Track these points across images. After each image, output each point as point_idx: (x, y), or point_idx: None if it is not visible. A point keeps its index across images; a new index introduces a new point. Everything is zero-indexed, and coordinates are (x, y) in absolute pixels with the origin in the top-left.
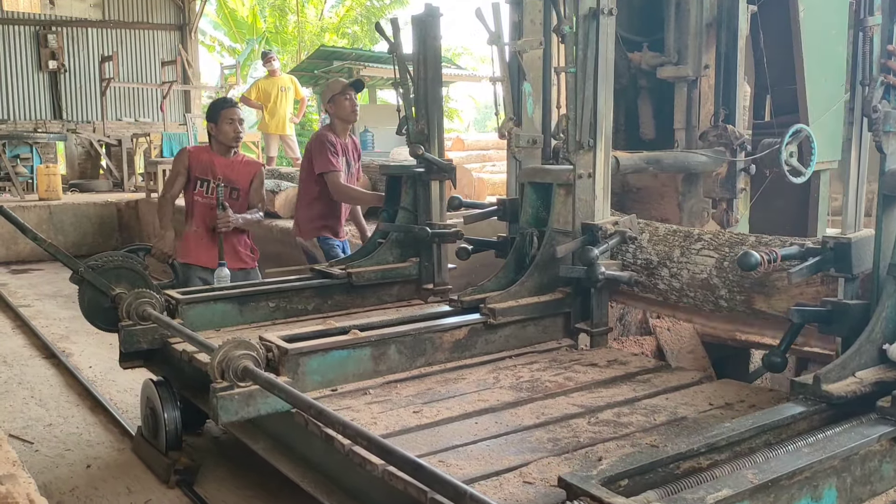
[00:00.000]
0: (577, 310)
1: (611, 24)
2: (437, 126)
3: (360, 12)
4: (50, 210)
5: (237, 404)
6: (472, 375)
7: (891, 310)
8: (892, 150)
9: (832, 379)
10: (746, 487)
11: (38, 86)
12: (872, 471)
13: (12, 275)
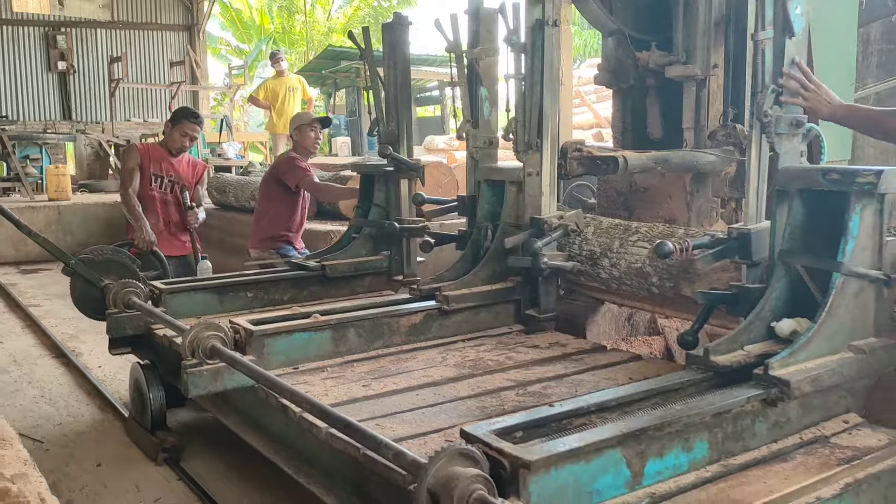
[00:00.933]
0: (527, 297)
1: (556, 35)
2: (407, 128)
3: (368, 12)
4: (59, 210)
5: (206, 380)
6: (423, 356)
7: (779, 291)
8: (785, 150)
9: (721, 351)
10: (615, 434)
11: (47, 86)
12: (745, 428)
13: (22, 275)
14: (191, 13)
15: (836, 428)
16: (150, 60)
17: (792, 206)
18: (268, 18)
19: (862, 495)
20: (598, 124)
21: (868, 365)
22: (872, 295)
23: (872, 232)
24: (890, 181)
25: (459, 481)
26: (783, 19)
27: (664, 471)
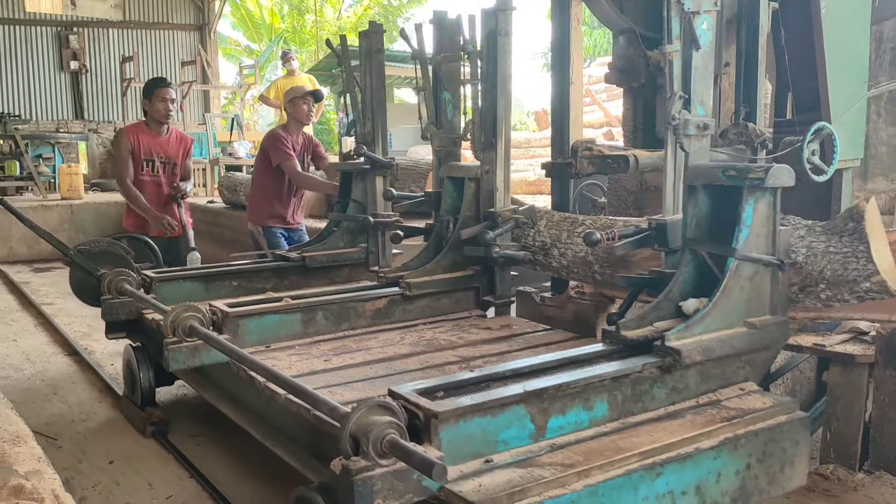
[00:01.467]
0: (485, 284)
1: (508, 44)
2: (382, 128)
3: (378, 11)
4: (72, 209)
5: (184, 355)
6: (384, 336)
7: (686, 274)
8: (693, 150)
9: (631, 327)
10: (519, 393)
11: (59, 86)
12: (644, 392)
13: (35, 273)
14: (202, 13)
15: (730, 394)
16: (161, 60)
17: (698, 199)
18: (278, 18)
19: (740, 449)
20: (608, 123)
21: (760, 339)
22: (768, 277)
23: (766, 221)
24: (777, 177)
25: (375, 427)
26: (689, 34)
27: (566, 426)
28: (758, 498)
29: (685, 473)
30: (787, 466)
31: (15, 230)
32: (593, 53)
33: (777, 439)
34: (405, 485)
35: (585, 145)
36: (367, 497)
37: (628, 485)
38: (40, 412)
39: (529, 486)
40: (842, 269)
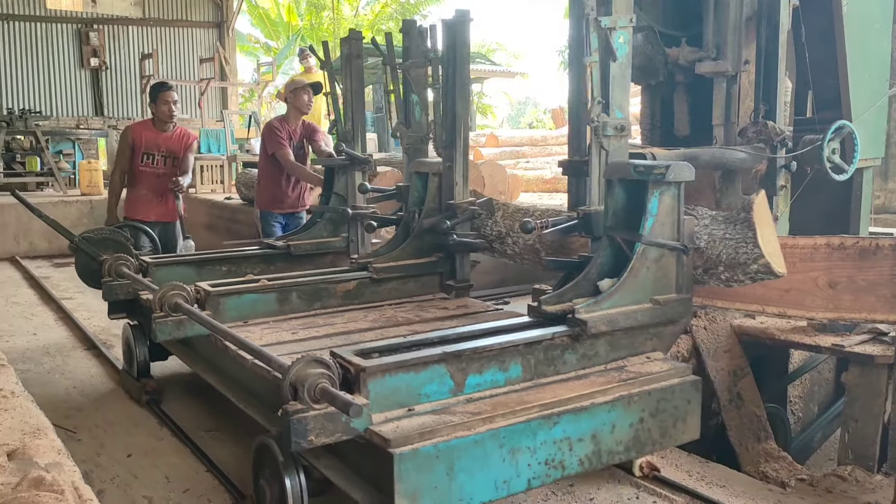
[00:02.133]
0: (448, 270)
1: (466, 52)
2: (361, 128)
3: (396, 9)
4: (91, 205)
5: (170, 328)
6: (350, 314)
7: (604, 258)
8: (612, 149)
9: (552, 302)
10: (439, 353)
11: (80, 83)
12: (556, 357)
13: (55, 268)
14: (220, 10)
15: (636, 361)
16: (180, 57)
17: (614, 192)
18: (295, 15)
19: (633, 405)
20: None
21: (664, 314)
22: (673, 260)
23: (671, 212)
24: (677, 173)
25: (310, 377)
26: (607, 47)
27: (483, 384)
28: (651, 448)
29: (581, 423)
30: (679, 422)
31: (35, 225)
32: None
33: (669, 398)
34: (335, 425)
35: None
36: (301, 433)
37: (528, 430)
38: (59, 405)
39: (439, 428)
40: (735, 253)
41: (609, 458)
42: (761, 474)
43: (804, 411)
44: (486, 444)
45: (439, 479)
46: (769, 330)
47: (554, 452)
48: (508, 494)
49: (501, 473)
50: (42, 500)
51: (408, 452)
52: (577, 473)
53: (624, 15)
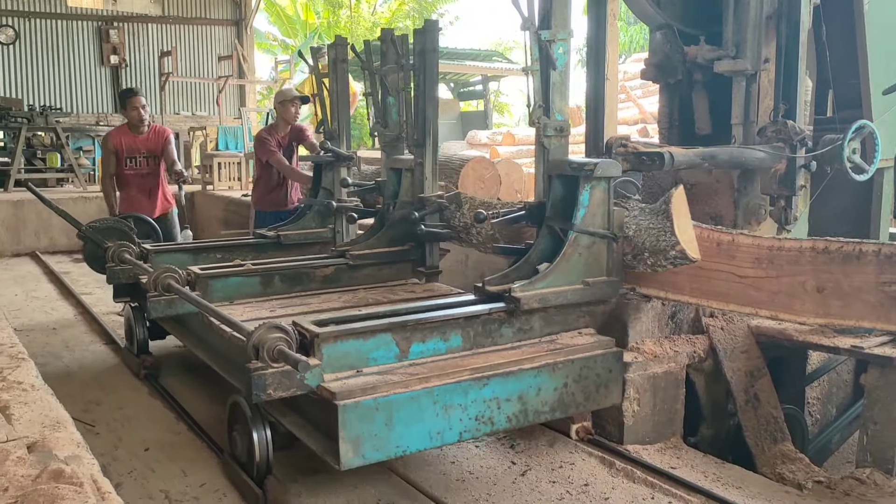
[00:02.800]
0: (419, 257)
1: (435, 59)
2: (346, 127)
3: (413, 7)
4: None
5: (162, 306)
6: (326, 296)
7: (543, 244)
8: (552, 147)
9: (495, 283)
10: (386, 323)
11: (100, 80)
12: (493, 330)
13: (74, 263)
14: (239, 8)
15: (568, 336)
16: (198, 55)
17: (554, 186)
18: (312, 14)
19: (558, 372)
20: (643, 120)
21: (592, 294)
22: (604, 247)
23: (601, 203)
24: (604, 169)
25: (269, 340)
26: (547, 58)
27: (426, 351)
28: (575, 409)
29: (508, 386)
30: (601, 388)
31: (55, 221)
32: (629, 49)
33: (591, 366)
34: (290, 381)
35: (620, 142)
36: (261, 387)
37: (459, 390)
38: (78, 399)
39: (380, 385)
40: (656, 240)
41: (535, 416)
42: (778, 476)
43: (822, 413)
44: (422, 400)
45: (379, 429)
46: (787, 331)
47: (484, 410)
48: (442, 444)
49: (435, 426)
50: (61, 492)
51: (351, 404)
52: (506, 429)
53: (562, 29)
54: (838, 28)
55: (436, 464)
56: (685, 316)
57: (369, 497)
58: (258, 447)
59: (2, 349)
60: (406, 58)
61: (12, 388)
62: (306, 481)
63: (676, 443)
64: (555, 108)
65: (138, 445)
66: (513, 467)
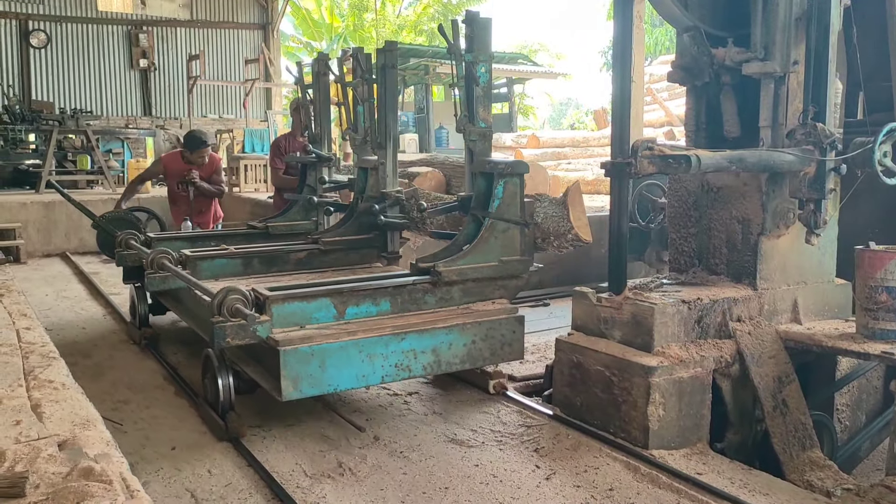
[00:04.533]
0: (382, 244)
1: (393, 74)
2: (327, 132)
3: (438, 9)
4: (139, 202)
5: (157, 282)
6: (298, 276)
7: (469, 230)
8: (477, 150)
9: (427, 261)
10: (325, 290)
11: (129, 83)
12: (418, 299)
13: (103, 264)
14: (266, 12)
15: (482, 305)
16: (226, 58)
17: (477, 181)
18: (337, 17)
19: (467, 331)
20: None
21: (504, 269)
22: (517, 232)
23: (514, 196)
24: (515, 167)
25: (228, 300)
26: (471, 75)
27: (360, 313)
28: (483, 363)
29: (423, 341)
30: (505, 346)
31: (84, 222)
32: (654, 52)
33: (497, 328)
34: (244, 332)
35: (646, 144)
36: (221, 336)
37: (381, 342)
38: (106, 398)
39: (315, 337)
40: (557, 226)
41: (448, 367)
42: (806, 483)
43: (851, 420)
44: (349, 349)
45: (314, 371)
46: (816, 336)
47: (402, 359)
48: (367, 385)
49: (361, 370)
50: (91, 489)
51: (290, 350)
52: (422, 375)
53: (483, 52)
54: (869, 29)
55: (459, 465)
56: (712, 320)
57: (392, 499)
58: (222, 389)
59: (33, 348)
60: (369, 73)
61: (43, 387)
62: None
63: (703, 448)
64: (478, 117)
65: (165, 444)
66: (537, 471)
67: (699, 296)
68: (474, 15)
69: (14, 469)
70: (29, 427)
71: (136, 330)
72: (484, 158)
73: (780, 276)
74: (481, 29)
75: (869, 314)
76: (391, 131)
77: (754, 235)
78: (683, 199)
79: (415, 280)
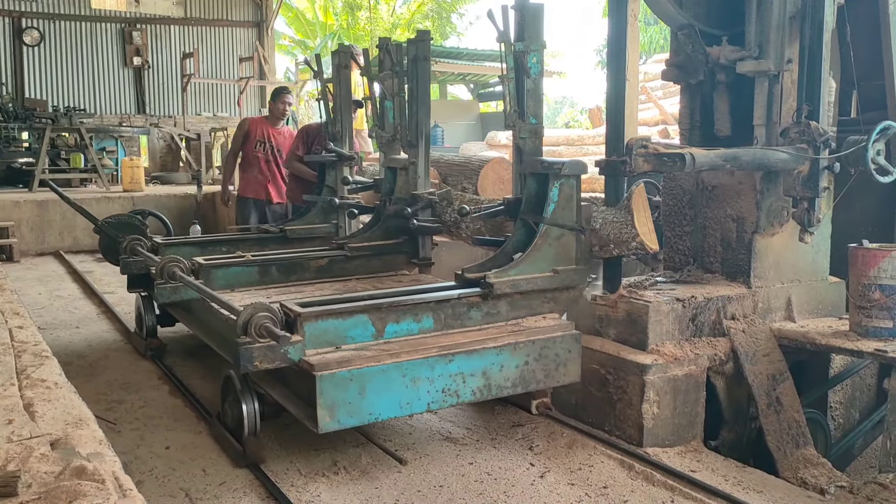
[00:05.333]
0: (412, 250)
1: (427, 67)
2: (348, 129)
3: (432, 7)
4: (133, 201)
5: (168, 292)
6: (320, 285)
7: (519, 236)
8: (527, 148)
9: (473, 271)
10: (362, 305)
11: (123, 81)
12: (462, 313)
13: (97, 263)
14: (260, 10)
15: (532, 320)
16: (220, 56)
17: (528, 183)
18: (331, 15)
19: (519, 350)
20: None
21: (560, 280)
22: (573, 239)
23: (570, 199)
24: (571, 168)
25: (256, 318)
26: (521, 67)
27: (399, 331)
28: (535, 385)
29: (473, 362)
30: (560, 367)
31: (78, 221)
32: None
33: (551, 346)
34: (274, 354)
35: (641, 143)
36: (248, 359)
37: (426, 364)
38: (101, 398)
39: (354, 359)
40: (619, 233)
41: (498, 391)
42: (800, 480)
43: (845, 417)
44: (391, 373)
45: (353, 397)
46: (810, 334)
47: (450, 383)
48: (411, 413)
49: (404, 396)
50: (84, 489)
51: (327, 375)
52: (471, 402)
53: (535, 41)
54: (863, 28)
55: (454, 464)
56: (706, 318)
57: (388, 497)
58: (246, 416)
59: (26, 347)
60: (400, 65)
61: (36, 386)
62: (324, 477)
63: (697, 446)
64: (529, 112)
65: (159, 444)
66: (531, 469)
67: (694, 294)
68: (525, 0)
69: (6, 468)
70: (21, 426)
71: (142, 340)
72: (536, 158)
73: (775, 274)
74: (532, 16)
75: (862, 312)
76: (423, 128)
77: (748, 234)
78: (678, 198)
79: (461, 293)
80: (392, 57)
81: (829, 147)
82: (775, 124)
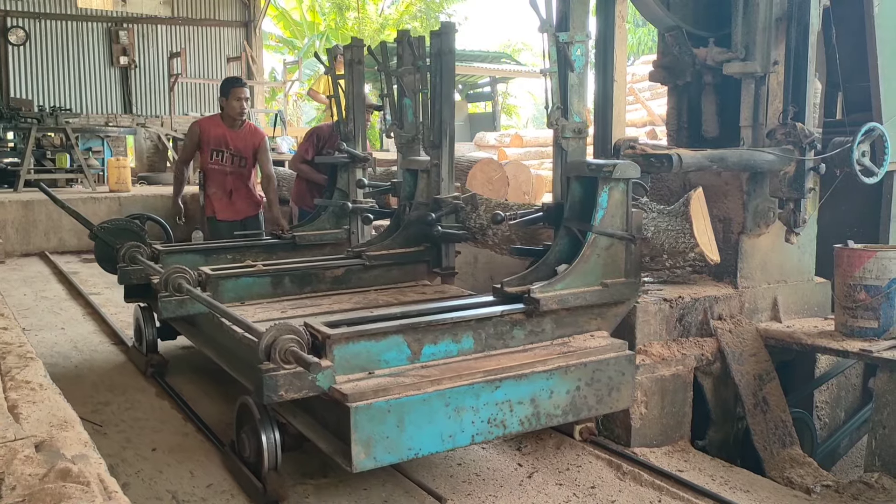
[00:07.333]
0: (434, 258)
1: (451, 60)
2: (361, 129)
3: (420, 8)
4: (120, 202)
5: (173, 306)
6: (338, 297)
7: (561, 245)
8: (570, 149)
9: (514, 284)
10: (397, 325)
11: (109, 81)
12: (505, 332)
13: (83, 263)
14: (248, 9)
15: (580, 338)
16: (207, 56)
17: (572, 187)
18: (319, 16)
19: (570, 374)
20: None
21: (610, 295)
22: (622, 248)
23: (619, 205)
24: (622, 171)
25: (281, 341)
26: (565, 59)
27: (437, 353)
28: (587, 413)
29: (521, 388)
30: (613, 391)
31: (64, 222)
32: (637, 51)
33: (604, 369)
34: (302, 382)
35: (628, 144)
36: (272, 388)
37: (471, 392)
38: (87, 400)
39: (392, 387)
40: (675, 242)
41: (547, 420)
42: (786, 480)
43: (831, 417)
44: (433, 402)
45: (390, 431)
46: (796, 334)
47: (496, 413)
48: (454, 447)
49: (447, 428)
50: (68, 491)
51: (363, 406)
52: (518, 433)
53: (580, 31)
54: (848, 30)
55: (443, 465)
56: (693, 318)
57: (376, 498)
58: (267, 449)
59: (10, 349)
60: (423, 59)
61: (21, 388)
62: (312, 480)
63: (684, 446)
64: (573, 109)
65: (146, 446)
66: (519, 469)
67: (681, 294)
68: None
69: None
70: (5, 428)
71: (142, 356)
72: (581, 160)
73: (761, 274)
74: (579, 3)
75: (848, 312)
76: (447, 128)
77: (735, 234)
78: (666, 199)
79: (503, 311)
80: (414, 51)
81: (814, 148)
82: (762, 125)
